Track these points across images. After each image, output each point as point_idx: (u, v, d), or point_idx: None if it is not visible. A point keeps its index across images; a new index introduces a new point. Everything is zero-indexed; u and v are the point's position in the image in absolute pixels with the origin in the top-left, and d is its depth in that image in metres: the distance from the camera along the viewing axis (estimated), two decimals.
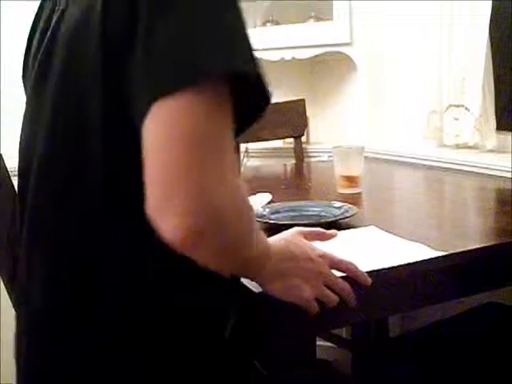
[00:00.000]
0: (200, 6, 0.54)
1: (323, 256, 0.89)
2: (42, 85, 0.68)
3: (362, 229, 1.13)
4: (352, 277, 0.89)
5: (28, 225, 0.78)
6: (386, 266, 0.94)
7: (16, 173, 1.15)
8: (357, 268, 0.91)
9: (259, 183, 1.80)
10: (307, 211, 1.25)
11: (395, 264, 0.94)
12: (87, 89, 0.60)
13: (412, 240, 1.03)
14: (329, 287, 0.87)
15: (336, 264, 0.90)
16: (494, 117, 1.83)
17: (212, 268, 0.65)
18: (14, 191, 1.12)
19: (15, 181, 1.15)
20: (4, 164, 1.10)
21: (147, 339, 0.72)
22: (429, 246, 1.00)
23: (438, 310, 1.26)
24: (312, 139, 2.50)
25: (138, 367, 0.72)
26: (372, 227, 1.13)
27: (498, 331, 1.30)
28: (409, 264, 0.95)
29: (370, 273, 0.90)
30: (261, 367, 0.89)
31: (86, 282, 0.68)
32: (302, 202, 1.32)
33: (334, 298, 0.87)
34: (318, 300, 0.86)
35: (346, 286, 0.88)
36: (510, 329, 1.29)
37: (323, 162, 2.19)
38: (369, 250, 1.03)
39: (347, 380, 1.22)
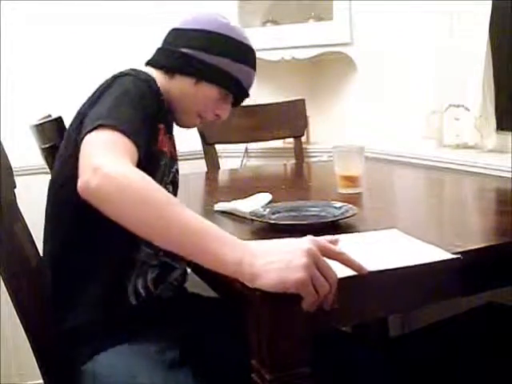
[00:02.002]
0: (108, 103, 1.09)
1: (311, 239, 0.86)
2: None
3: (383, 231, 1.11)
4: (345, 265, 0.86)
5: None
6: (389, 267, 0.91)
7: (17, 172, 1.15)
8: (349, 256, 0.86)
9: (259, 183, 1.80)
10: (307, 211, 1.25)
11: (397, 266, 0.92)
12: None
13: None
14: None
15: (325, 249, 0.85)
16: (494, 117, 1.83)
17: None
18: (14, 184, 1.13)
19: (17, 181, 1.15)
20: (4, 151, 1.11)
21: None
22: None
23: (438, 309, 1.26)
24: (312, 139, 2.50)
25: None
26: (394, 230, 1.10)
27: (498, 331, 1.31)
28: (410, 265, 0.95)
29: (372, 275, 0.88)
30: (260, 368, 0.89)
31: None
32: (302, 202, 1.32)
33: (325, 284, 0.83)
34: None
35: (334, 275, 0.84)
36: (510, 329, 1.29)
37: (323, 161, 2.19)
38: (374, 250, 1.01)
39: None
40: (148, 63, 1.32)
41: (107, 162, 0.93)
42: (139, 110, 1.09)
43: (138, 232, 0.91)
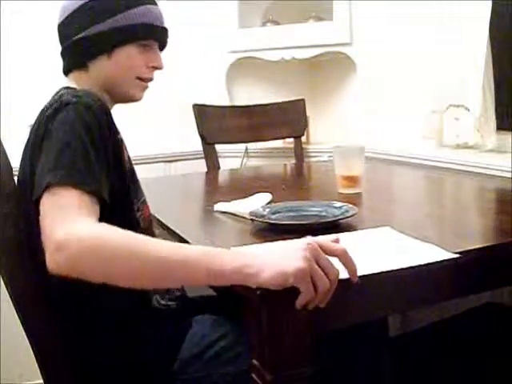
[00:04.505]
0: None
1: (312, 238, 0.86)
2: None
3: (377, 229, 1.11)
4: (343, 265, 0.85)
5: None
6: (391, 268, 0.91)
7: (17, 173, 1.15)
8: (350, 257, 0.85)
9: (259, 183, 1.80)
10: (307, 211, 1.25)
11: (396, 267, 0.92)
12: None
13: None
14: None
15: (326, 246, 0.85)
16: (494, 117, 1.83)
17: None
18: (15, 185, 1.12)
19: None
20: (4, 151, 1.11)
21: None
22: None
23: (438, 310, 1.26)
24: (312, 139, 2.51)
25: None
26: (387, 228, 1.11)
27: (498, 331, 1.31)
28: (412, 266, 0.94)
29: (372, 275, 0.89)
30: (261, 368, 0.89)
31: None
32: (303, 202, 1.32)
33: (325, 280, 0.82)
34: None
35: (335, 272, 0.83)
36: (509, 329, 1.29)
37: (323, 161, 2.19)
38: (374, 251, 1.01)
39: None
40: (65, 73, 1.25)
41: (68, 232, 0.86)
42: (89, 147, 0.98)
43: (130, 285, 0.87)
